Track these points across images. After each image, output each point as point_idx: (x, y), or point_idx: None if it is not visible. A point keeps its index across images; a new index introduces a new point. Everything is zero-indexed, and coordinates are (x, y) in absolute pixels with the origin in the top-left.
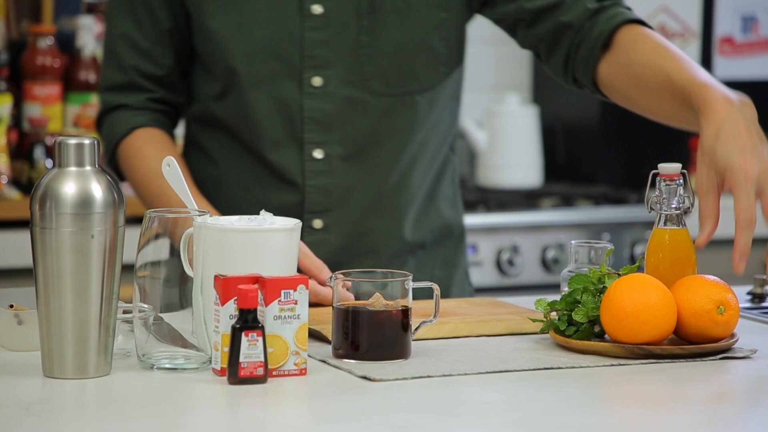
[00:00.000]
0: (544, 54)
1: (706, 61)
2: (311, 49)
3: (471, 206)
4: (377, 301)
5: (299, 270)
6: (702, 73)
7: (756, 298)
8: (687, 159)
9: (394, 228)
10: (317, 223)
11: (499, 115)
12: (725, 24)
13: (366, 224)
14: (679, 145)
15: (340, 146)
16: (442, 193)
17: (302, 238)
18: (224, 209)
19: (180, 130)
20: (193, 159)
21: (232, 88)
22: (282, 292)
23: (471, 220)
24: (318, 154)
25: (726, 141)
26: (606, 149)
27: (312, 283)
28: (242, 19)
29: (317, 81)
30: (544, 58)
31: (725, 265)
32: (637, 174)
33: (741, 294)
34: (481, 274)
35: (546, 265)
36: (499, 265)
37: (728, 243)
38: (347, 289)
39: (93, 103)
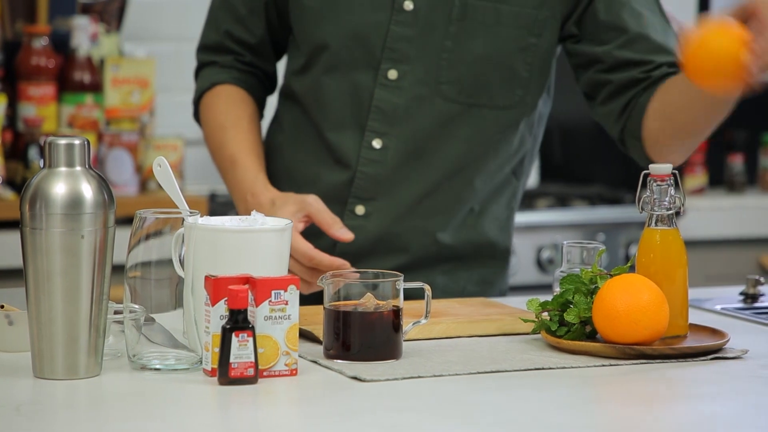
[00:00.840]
0: (601, 98)
1: None
2: (394, 42)
3: None
4: (368, 302)
5: (316, 230)
6: None
7: (748, 298)
8: None
9: (431, 232)
10: (360, 209)
11: None
12: None
13: (405, 222)
14: None
15: (400, 141)
16: (493, 213)
17: (343, 222)
18: (279, 176)
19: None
20: (271, 129)
21: (313, 66)
22: (272, 292)
23: None
24: (377, 144)
25: None
26: (602, 150)
27: (308, 247)
28: (335, 3)
29: (393, 74)
30: (600, 101)
31: (720, 265)
32: (632, 174)
33: (734, 294)
34: None
35: (541, 265)
36: None
37: (723, 243)
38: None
39: (87, 103)
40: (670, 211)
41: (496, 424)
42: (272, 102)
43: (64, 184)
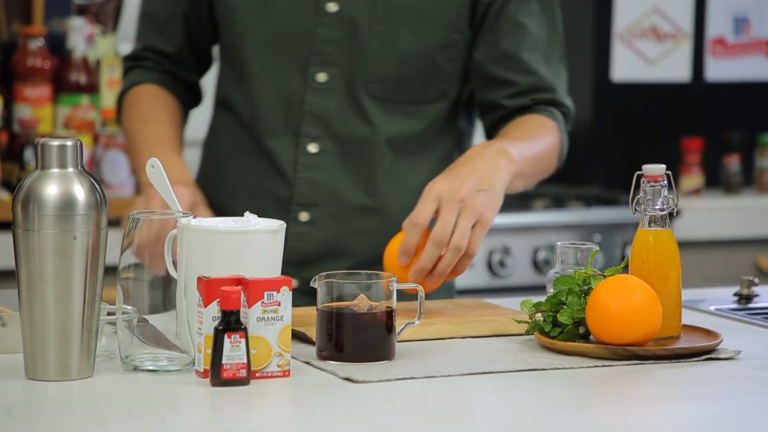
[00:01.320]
0: (476, 101)
1: (698, 62)
2: (320, 45)
3: None
4: (362, 303)
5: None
6: (513, 141)
7: (743, 299)
8: (679, 160)
9: (376, 233)
10: (303, 216)
11: None
12: (717, 25)
13: (350, 224)
14: (672, 146)
15: (335, 143)
16: None
17: (287, 230)
18: (221, 189)
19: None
20: (208, 138)
21: (245, 74)
22: (265, 293)
23: None
24: (313, 148)
25: (449, 166)
26: (598, 151)
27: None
28: (259, 9)
29: (322, 77)
30: (476, 102)
31: (716, 265)
32: (629, 175)
33: (728, 295)
34: (473, 275)
35: (537, 266)
36: (490, 266)
37: (720, 244)
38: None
39: (83, 104)
40: (664, 212)
41: (489, 425)
42: (205, 113)
43: (57, 185)
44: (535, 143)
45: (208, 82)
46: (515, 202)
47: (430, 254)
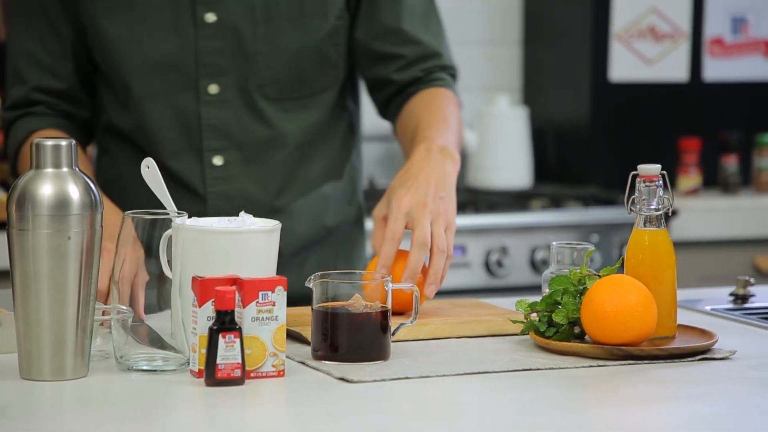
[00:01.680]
0: (365, 78)
1: (696, 63)
2: (206, 57)
3: (460, 207)
4: (357, 303)
5: None
6: (441, 131)
7: (738, 299)
8: (677, 160)
9: (293, 228)
10: None
11: (489, 117)
12: (715, 25)
13: None
14: (670, 146)
15: (239, 152)
16: (340, 192)
17: None
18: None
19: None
20: (102, 165)
21: (131, 100)
22: (260, 293)
23: (460, 221)
24: (217, 160)
25: (400, 177)
26: (596, 150)
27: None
28: (136, 31)
29: (213, 89)
30: (365, 79)
31: (714, 265)
32: (626, 175)
33: (724, 295)
34: (470, 275)
35: (535, 266)
36: (487, 266)
37: (718, 244)
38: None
39: None
40: (659, 212)
41: (484, 425)
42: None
43: (51, 185)
44: (452, 124)
45: None
46: (513, 202)
47: (417, 257)
